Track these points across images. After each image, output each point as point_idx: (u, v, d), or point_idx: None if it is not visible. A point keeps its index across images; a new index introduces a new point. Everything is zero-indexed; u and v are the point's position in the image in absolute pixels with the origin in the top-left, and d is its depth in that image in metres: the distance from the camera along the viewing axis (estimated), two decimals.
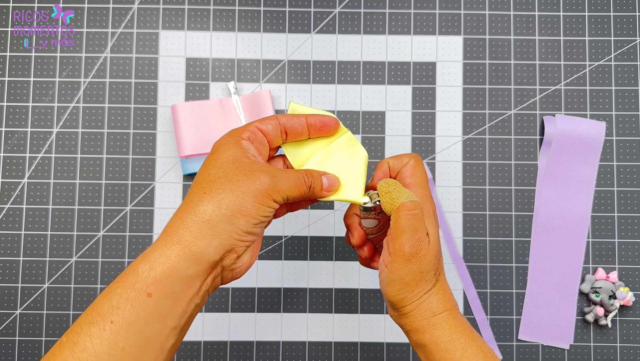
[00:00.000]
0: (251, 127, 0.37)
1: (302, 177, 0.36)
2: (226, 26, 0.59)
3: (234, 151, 0.35)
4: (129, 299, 0.30)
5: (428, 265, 0.37)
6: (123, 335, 0.29)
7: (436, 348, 0.37)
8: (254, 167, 0.34)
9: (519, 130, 0.58)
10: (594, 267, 0.57)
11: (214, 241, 0.32)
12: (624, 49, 0.59)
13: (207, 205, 0.32)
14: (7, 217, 0.57)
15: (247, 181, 0.33)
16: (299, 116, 0.39)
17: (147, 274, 0.31)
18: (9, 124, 0.57)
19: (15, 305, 0.56)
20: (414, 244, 0.36)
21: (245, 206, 0.33)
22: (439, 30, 0.59)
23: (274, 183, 0.34)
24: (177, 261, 0.31)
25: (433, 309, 0.37)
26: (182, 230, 0.32)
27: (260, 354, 0.56)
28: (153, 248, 0.32)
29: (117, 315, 0.30)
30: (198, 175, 0.35)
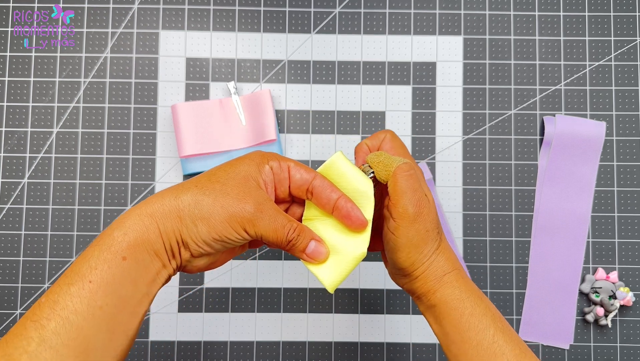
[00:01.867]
0: (283, 163, 0.37)
1: (287, 230, 0.35)
2: (226, 26, 0.59)
3: (252, 170, 0.36)
4: (106, 260, 0.31)
5: (432, 223, 0.37)
6: (101, 293, 0.31)
7: (446, 306, 0.37)
8: (252, 192, 0.34)
9: (519, 130, 0.58)
10: (594, 267, 0.57)
11: (176, 228, 0.33)
12: (624, 49, 0.59)
13: (188, 197, 0.34)
14: (7, 217, 0.57)
15: (233, 201, 0.34)
16: (334, 190, 0.37)
17: (122, 239, 0.32)
18: (9, 124, 0.57)
19: (15, 305, 0.56)
20: (416, 203, 0.36)
21: (215, 219, 0.33)
22: (439, 30, 0.59)
23: (255, 217, 0.34)
24: (148, 233, 0.33)
25: (443, 268, 0.37)
26: (157, 205, 0.34)
27: (260, 354, 0.56)
28: (128, 215, 0.33)
29: (95, 275, 0.31)
30: (210, 169, 0.36)
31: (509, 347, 0.35)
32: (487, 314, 0.36)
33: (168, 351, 0.56)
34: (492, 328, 0.36)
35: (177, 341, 0.56)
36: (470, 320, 0.36)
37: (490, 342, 0.35)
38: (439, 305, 0.37)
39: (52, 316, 0.30)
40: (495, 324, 0.36)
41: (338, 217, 0.37)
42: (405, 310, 0.56)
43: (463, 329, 0.36)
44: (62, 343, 0.29)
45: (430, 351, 0.56)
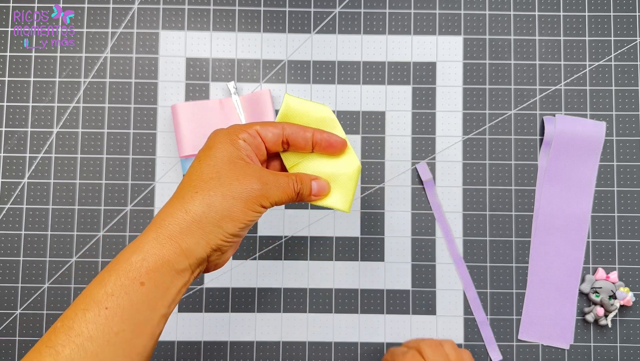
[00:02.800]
0: (251, 130, 0.37)
1: (292, 184, 0.37)
2: (226, 26, 0.59)
3: (230, 151, 0.35)
4: (123, 286, 0.31)
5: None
6: (117, 320, 0.30)
7: None
8: (247, 170, 0.35)
9: (519, 130, 0.58)
10: (594, 267, 0.57)
11: (201, 240, 0.33)
12: (624, 49, 0.59)
13: (198, 205, 0.33)
14: (7, 217, 0.57)
15: (239, 186, 0.34)
16: (306, 130, 0.38)
17: (140, 264, 0.32)
18: (9, 124, 0.57)
19: (15, 305, 0.56)
20: None
21: (234, 212, 0.34)
22: (439, 30, 0.59)
23: (265, 190, 0.35)
24: (169, 255, 0.32)
25: None
26: (172, 225, 0.33)
27: (260, 354, 0.56)
28: (144, 238, 0.33)
29: (111, 302, 0.31)
30: (192, 169, 0.36)
31: None
32: None
33: (168, 351, 0.56)
34: None
35: (177, 341, 0.56)
36: None
37: None
38: None
39: (67, 343, 0.30)
40: None
41: (320, 150, 0.39)
42: (405, 310, 0.56)
43: None
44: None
45: None
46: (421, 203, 0.57)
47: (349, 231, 0.57)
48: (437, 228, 0.57)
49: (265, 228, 0.57)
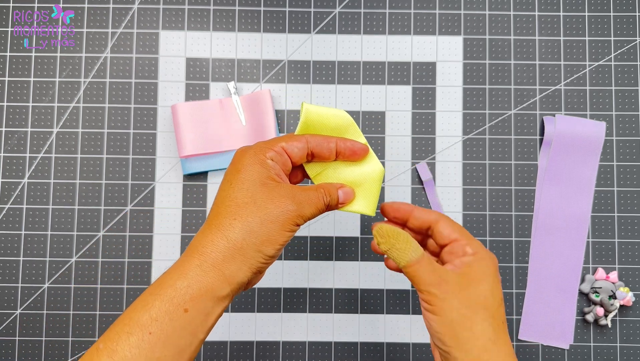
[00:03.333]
0: (277, 148, 0.37)
1: (322, 197, 0.38)
2: (226, 26, 0.59)
3: (260, 172, 0.36)
4: (168, 312, 0.32)
5: (488, 297, 0.36)
6: (160, 345, 0.31)
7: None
8: (280, 192, 0.36)
9: (519, 130, 0.58)
10: (594, 267, 0.57)
11: (244, 266, 0.34)
12: (624, 49, 0.59)
13: (238, 232, 0.34)
14: (7, 217, 0.57)
15: (275, 209, 0.35)
16: (329, 140, 0.39)
17: (185, 291, 0.33)
18: (9, 124, 0.57)
19: (15, 305, 0.56)
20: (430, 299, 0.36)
21: (273, 235, 0.35)
22: (439, 30, 0.59)
23: (298, 210, 0.36)
24: (213, 283, 0.33)
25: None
26: (215, 254, 0.34)
27: (260, 354, 0.56)
28: (188, 265, 0.34)
29: (155, 327, 0.32)
30: (224, 193, 0.36)
31: None
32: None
33: None
34: None
35: None
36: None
37: None
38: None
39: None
40: None
41: (343, 158, 0.40)
42: (405, 310, 0.56)
43: None
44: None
45: (430, 351, 0.56)
46: (421, 203, 0.57)
47: (349, 231, 0.57)
48: None
49: None
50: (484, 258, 0.37)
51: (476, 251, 0.38)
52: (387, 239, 0.37)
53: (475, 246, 0.38)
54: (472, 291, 0.36)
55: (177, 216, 0.57)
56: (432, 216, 0.40)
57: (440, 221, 0.39)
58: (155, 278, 0.56)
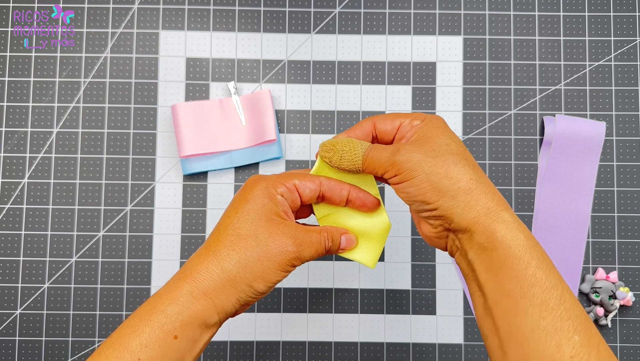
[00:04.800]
0: (289, 184, 0.37)
1: (324, 242, 0.37)
2: (226, 26, 0.59)
3: (269, 206, 0.36)
4: (158, 339, 0.32)
5: (451, 144, 0.35)
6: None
7: (509, 252, 0.31)
8: (283, 230, 0.35)
9: (519, 130, 0.58)
10: (594, 267, 0.57)
11: (233, 297, 0.34)
12: (624, 49, 0.59)
13: (234, 265, 0.34)
14: (7, 217, 0.57)
15: (275, 248, 0.35)
16: (343, 187, 0.38)
17: (175, 318, 0.33)
18: (9, 124, 0.57)
19: (15, 305, 0.56)
20: (396, 168, 0.35)
21: (267, 273, 0.35)
22: (439, 30, 0.59)
23: (297, 251, 0.36)
24: (203, 311, 0.34)
25: (489, 203, 0.32)
26: (207, 281, 0.34)
27: (260, 354, 0.56)
28: (179, 291, 0.34)
29: (144, 353, 0.32)
30: (227, 220, 0.36)
31: (576, 311, 0.30)
32: (553, 269, 0.31)
33: None
34: (560, 286, 0.30)
35: None
36: (537, 273, 0.30)
37: (557, 303, 0.30)
38: (499, 250, 0.31)
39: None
40: (562, 282, 0.31)
41: (353, 207, 0.39)
42: (405, 310, 0.56)
43: (527, 283, 0.30)
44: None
45: (430, 351, 0.56)
46: None
47: None
48: None
49: None
50: (431, 119, 0.36)
51: (422, 118, 0.37)
52: (334, 151, 0.37)
53: (419, 116, 0.37)
54: (433, 144, 0.34)
55: (177, 216, 0.57)
56: (366, 124, 0.38)
57: (376, 122, 0.38)
58: (155, 278, 0.56)
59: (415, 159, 0.34)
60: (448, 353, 0.56)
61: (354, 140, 0.37)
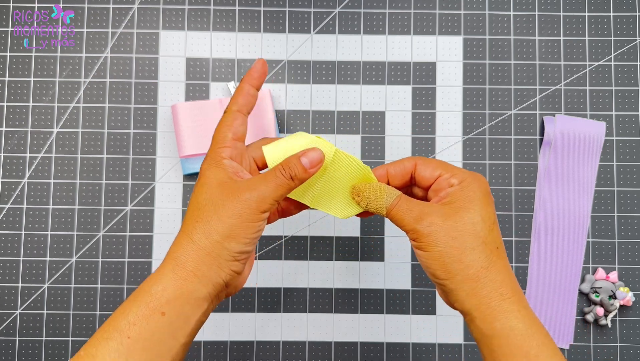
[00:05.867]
0: (228, 142, 0.37)
1: (280, 173, 0.36)
2: (226, 26, 0.59)
3: (217, 174, 0.36)
4: (145, 316, 0.32)
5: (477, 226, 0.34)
6: (139, 349, 0.32)
7: (507, 341, 0.32)
8: (236, 186, 0.35)
9: (519, 130, 0.58)
10: (594, 267, 0.57)
11: (213, 265, 0.34)
12: (624, 49, 0.59)
13: (200, 234, 0.34)
14: (7, 217, 0.57)
15: (231, 204, 0.34)
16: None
17: (160, 295, 0.33)
18: (9, 124, 0.57)
19: (15, 305, 0.56)
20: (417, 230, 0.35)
21: (234, 230, 0.34)
22: (439, 30, 0.59)
23: (257, 195, 0.35)
24: (187, 285, 0.33)
25: (499, 289, 0.33)
26: (184, 256, 0.34)
27: (260, 354, 0.56)
28: (163, 271, 0.34)
29: (133, 331, 0.32)
30: (190, 201, 0.37)
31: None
32: (554, 357, 0.32)
33: None
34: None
35: None
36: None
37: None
38: (498, 338, 0.33)
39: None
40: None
41: None
42: (405, 310, 0.56)
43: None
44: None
45: (430, 351, 0.56)
46: None
47: (349, 231, 0.57)
48: None
49: (266, 228, 0.57)
50: (469, 184, 0.36)
51: (461, 180, 0.36)
52: (363, 195, 0.37)
53: (460, 175, 0.36)
54: (458, 219, 0.34)
55: (177, 216, 0.57)
56: (408, 164, 0.38)
57: (417, 165, 0.38)
58: None
59: (434, 234, 0.34)
60: (448, 353, 0.56)
61: (383, 187, 0.37)
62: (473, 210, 0.35)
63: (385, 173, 0.39)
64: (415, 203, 0.36)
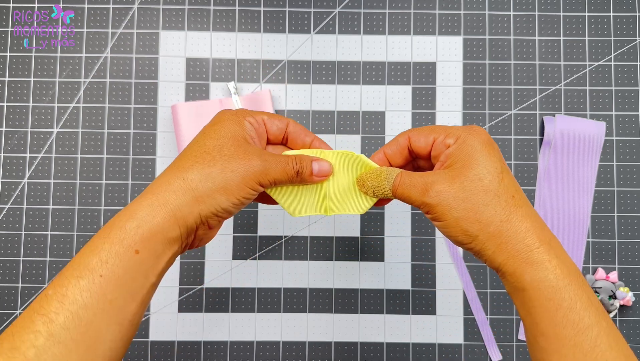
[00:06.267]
0: (258, 117, 0.38)
1: (291, 163, 0.36)
2: (226, 26, 0.59)
3: (235, 129, 0.36)
4: (118, 254, 0.31)
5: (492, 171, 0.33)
6: (111, 287, 0.30)
7: (538, 294, 0.31)
8: (248, 148, 0.35)
9: (519, 130, 0.58)
10: (594, 267, 0.57)
11: (194, 209, 0.33)
12: (624, 49, 0.59)
13: (196, 174, 0.34)
14: (7, 217, 0.57)
15: (239, 162, 0.34)
16: (307, 134, 0.39)
17: (134, 232, 0.32)
18: (9, 124, 0.57)
19: (16, 305, 0.56)
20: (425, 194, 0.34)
21: (231, 185, 0.34)
22: (439, 30, 0.59)
23: (264, 167, 0.35)
24: (162, 223, 0.32)
25: (525, 240, 0.32)
26: (168, 193, 0.33)
27: (260, 354, 0.56)
28: (138, 205, 0.33)
29: (106, 269, 0.31)
30: (194, 141, 0.36)
31: (612, 354, 0.30)
32: (589, 308, 0.31)
33: (168, 351, 0.56)
34: (596, 328, 0.30)
35: (177, 341, 0.56)
36: (568, 314, 0.30)
37: (591, 346, 0.30)
38: (529, 291, 0.32)
39: (61, 310, 0.29)
40: (599, 323, 0.31)
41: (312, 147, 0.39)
42: (405, 310, 0.56)
43: (559, 324, 0.31)
44: (71, 338, 0.29)
45: (430, 351, 0.56)
46: None
47: (349, 231, 0.57)
48: None
49: (265, 228, 0.57)
50: (465, 139, 0.35)
51: (457, 137, 0.35)
52: (367, 185, 0.37)
53: (454, 133, 0.35)
54: (464, 179, 0.33)
55: None
56: (401, 139, 0.38)
57: (410, 137, 0.37)
58: None
59: (444, 202, 0.33)
60: (448, 353, 0.56)
61: (382, 171, 0.37)
62: (476, 165, 0.34)
63: (384, 156, 0.39)
64: (417, 176, 0.35)
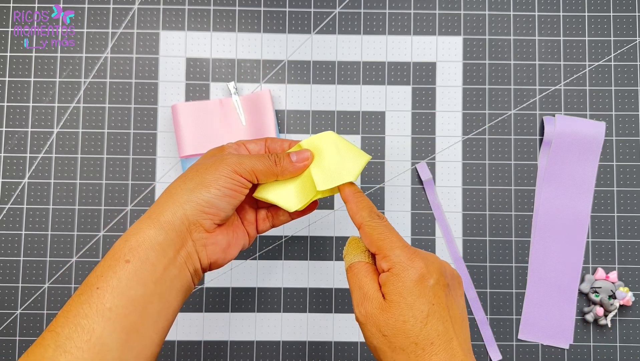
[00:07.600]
0: (237, 142, 0.42)
1: (267, 156, 0.39)
2: (226, 26, 0.59)
3: (215, 152, 0.40)
4: (110, 267, 0.34)
5: (387, 330, 0.32)
6: (108, 296, 0.32)
7: None
8: (224, 155, 0.39)
9: (519, 130, 0.58)
10: (593, 267, 0.57)
11: (178, 211, 0.36)
12: (624, 49, 0.59)
13: (176, 183, 0.37)
14: (7, 217, 0.57)
15: (213, 164, 0.37)
16: (285, 140, 0.43)
17: (123, 245, 0.34)
18: (9, 124, 0.57)
19: (15, 305, 0.56)
20: (358, 303, 0.35)
21: (208, 179, 0.37)
22: (439, 30, 0.59)
23: (238, 159, 0.38)
24: (147, 231, 0.35)
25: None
26: (153, 207, 0.36)
27: (260, 354, 0.56)
28: (130, 227, 0.36)
29: (101, 282, 0.33)
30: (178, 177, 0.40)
31: None
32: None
33: (168, 351, 0.56)
34: None
35: (177, 341, 0.56)
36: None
37: None
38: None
39: (66, 324, 0.32)
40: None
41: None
42: None
43: None
44: (76, 346, 0.31)
45: None
46: (421, 202, 0.57)
47: (349, 231, 0.57)
48: (437, 228, 0.57)
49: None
50: (399, 272, 0.33)
51: (391, 266, 0.33)
52: (345, 248, 0.39)
53: (391, 260, 0.33)
54: (390, 316, 0.32)
55: None
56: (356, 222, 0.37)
57: (361, 229, 0.36)
58: None
59: (368, 327, 0.33)
60: None
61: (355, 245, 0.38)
62: (404, 305, 0.32)
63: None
64: (365, 281, 0.34)
